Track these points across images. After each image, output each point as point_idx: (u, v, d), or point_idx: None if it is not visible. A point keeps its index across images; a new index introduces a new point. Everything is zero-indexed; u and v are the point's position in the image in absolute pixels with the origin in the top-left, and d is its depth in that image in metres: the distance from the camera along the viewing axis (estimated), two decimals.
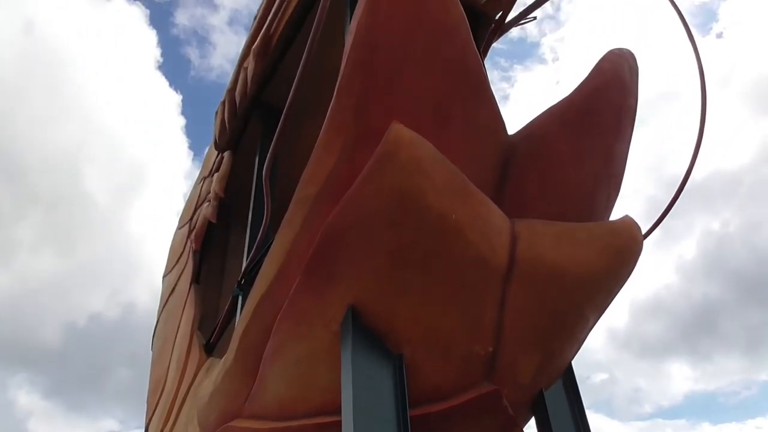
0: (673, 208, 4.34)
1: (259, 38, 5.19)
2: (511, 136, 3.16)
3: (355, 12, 2.80)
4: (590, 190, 3.13)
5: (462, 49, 2.83)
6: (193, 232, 6.66)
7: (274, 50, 5.20)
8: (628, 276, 2.99)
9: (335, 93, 2.73)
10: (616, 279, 2.95)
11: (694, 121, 4.41)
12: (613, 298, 3.07)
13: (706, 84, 4.38)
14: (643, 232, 3.19)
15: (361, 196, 2.55)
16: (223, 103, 6.08)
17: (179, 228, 7.85)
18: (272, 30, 5.10)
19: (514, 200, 2.96)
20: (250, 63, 5.46)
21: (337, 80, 2.74)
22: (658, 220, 4.29)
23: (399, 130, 2.47)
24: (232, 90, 5.89)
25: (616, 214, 3.26)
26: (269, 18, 5.05)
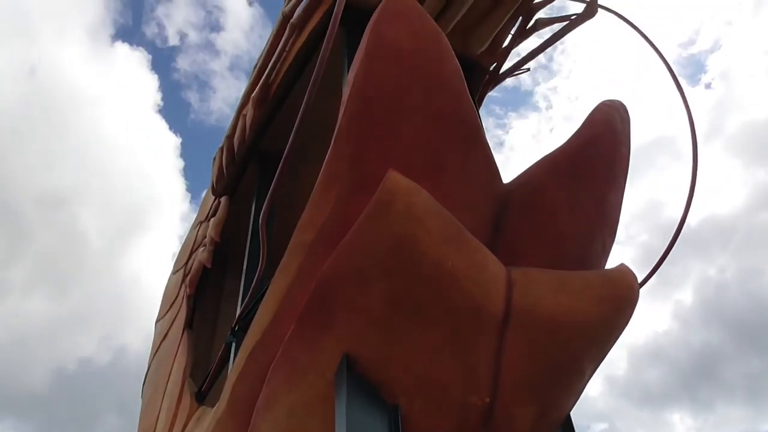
0: (668, 255, 4.36)
1: (258, 87, 5.28)
2: (506, 184, 3.19)
3: (353, 63, 2.87)
4: (585, 238, 3.14)
5: (456, 100, 2.89)
6: (188, 277, 6.61)
7: (272, 99, 5.29)
8: (625, 325, 2.97)
9: (332, 141, 2.77)
10: (613, 328, 2.93)
11: (687, 169, 4.49)
12: (610, 347, 3.04)
13: (696, 133, 4.48)
14: (639, 279, 3.19)
15: (357, 243, 2.56)
16: (222, 149, 6.14)
17: (174, 272, 7.79)
18: (271, 79, 5.21)
19: (509, 248, 2.96)
20: (249, 111, 5.55)
21: (334, 129, 2.78)
22: (654, 268, 4.30)
23: (395, 178, 2.49)
24: (230, 136, 5.96)
25: (611, 261, 3.27)
26: (269, 67, 5.16)
